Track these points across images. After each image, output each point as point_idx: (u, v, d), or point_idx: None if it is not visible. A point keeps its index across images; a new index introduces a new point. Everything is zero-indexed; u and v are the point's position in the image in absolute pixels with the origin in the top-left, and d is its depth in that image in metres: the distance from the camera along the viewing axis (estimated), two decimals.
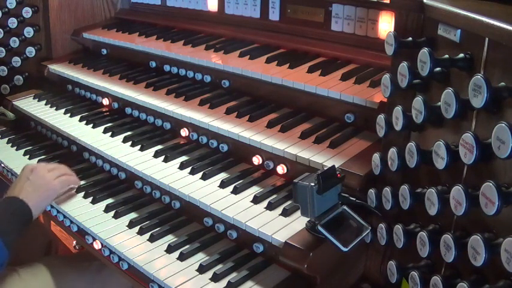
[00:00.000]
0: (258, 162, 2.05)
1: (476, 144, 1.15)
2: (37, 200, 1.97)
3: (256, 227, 1.73)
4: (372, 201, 1.62)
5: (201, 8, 2.87)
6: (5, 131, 2.90)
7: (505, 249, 1.07)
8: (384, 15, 2.13)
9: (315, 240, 1.62)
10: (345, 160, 1.79)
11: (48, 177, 2.07)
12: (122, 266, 1.91)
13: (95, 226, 2.03)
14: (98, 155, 2.41)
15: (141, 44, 2.76)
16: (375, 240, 1.64)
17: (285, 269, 1.77)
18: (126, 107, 2.57)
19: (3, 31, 3.02)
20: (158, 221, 2.04)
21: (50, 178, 2.07)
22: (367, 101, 1.88)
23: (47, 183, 2.05)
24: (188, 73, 2.55)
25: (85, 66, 2.91)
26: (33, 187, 1.99)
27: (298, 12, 2.46)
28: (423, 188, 1.40)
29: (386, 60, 1.67)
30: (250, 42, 2.57)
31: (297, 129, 2.03)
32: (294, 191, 1.61)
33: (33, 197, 1.96)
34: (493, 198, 1.10)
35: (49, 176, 2.08)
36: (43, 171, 2.07)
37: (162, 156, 2.19)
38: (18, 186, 1.99)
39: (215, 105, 2.28)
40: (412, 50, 1.43)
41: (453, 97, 1.23)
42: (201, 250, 1.88)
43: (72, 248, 2.71)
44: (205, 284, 1.73)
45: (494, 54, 1.20)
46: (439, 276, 1.30)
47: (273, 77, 2.15)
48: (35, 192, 1.98)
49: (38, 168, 2.08)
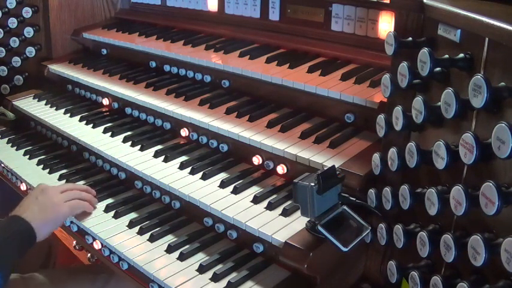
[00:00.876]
0: (258, 162, 2.05)
1: (476, 144, 1.15)
2: (42, 222, 1.86)
3: (256, 227, 1.73)
4: (372, 201, 1.62)
5: (201, 8, 2.87)
6: (5, 131, 2.90)
7: (505, 249, 1.07)
8: (383, 15, 2.13)
9: (315, 240, 1.62)
10: (345, 160, 1.79)
11: (57, 200, 1.96)
12: (121, 266, 1.91)
13: (95, 226, 2.03)
14: (98, 155, 2.41)
15: (141, 44, 2.76)
16: (375, 240, 1.64)
17: (285, 269, 1.77)
18: (126, 107, 2.57)
19: (3, 31, 3.02)
20: (158, 221, 2.04)
21: (59, 201, 1.96)
22: (367, 101, 1.88)
23: (55, 206, 1.94)
24: (188, 73, 2.55)
25: (85, 66, 2.91)
26: (40, 207, 1.89)
27: (298, 12, 2.46)
28: (423, 188, 1.40)
29: (386, 60, 1.67)
30: (250, 42, 2.57)
31: (297, 129, 2.03)
32: (294, 191, 1.61)
33: (38, 218, 1.85)
34: (493, 198, 1.10)
35: (59, 199, 1.97)
36: (53, 193, 1.97)
37: (162, 156, 2.19)
38: (25, 205, 1.90)
39: (215, 105, 2.28)
40: (412, 50, 1.43)
41: (453, 97, 1.23)
42: (201, 250, 1.88)
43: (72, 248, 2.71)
44: (205, 284, 1.73)
45: (494, 54, 1.20)
46: (439, 276, 1.30)
47: (273, 77, 2.15)
48: (41, 213, 1.88)
49: (49, 189, 1.98)
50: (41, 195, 1.95)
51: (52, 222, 1.94)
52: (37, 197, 1.94)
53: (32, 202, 1.92)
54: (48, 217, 1.90)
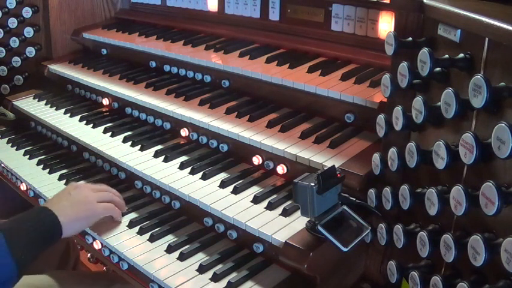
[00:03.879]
0: (258, 162, 2.05)
1: (476, 144, 1.15)
2: (72, 218, 1.78)
3: (256, 227, 1.73)
4: (372, 201, 1.62)
5: (201, 8, 2.87)
6: (5, 131, 2.90)
7: (505, 249, 1.07)
8: (384, 15, 2.13)
9: (315, 240, 1.62)
10: (345, 160, 1.79)
11: (91, 198, 1.89)
12: (121, 266, 1.91)
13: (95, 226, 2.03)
14: (97, 155, 2.41)
15: (141, 44, 2.76)
16: (374, 240, 1.64)
17: (285, 269, 1.77)
18: (126, 107, 2.57)
19: (3, 31, 3.02)
20: (158, 221, 2.03)
21: (93, 199, 1.89)
22: (367, 101, 1.88)
23: (89, 203, 1.87)
24: (188, 73, 2.55)
25: (85, 66, 2.91)
26: (71, 202, 1.82)
27: (298, 12, 2.46)
28: (423, 188, 1.40)
29: (386, 60, 1.67)
30: (250, 42, 2.57)
31: (297, 129, 2.03)
32: (294, 191, 1.61)
33: (68, 213, 1.77)
34: (493, 198, 1.10)
35: (93, 197, 1.90)
36: (87, 190, 1.91)
37: (162, 156, 2.19)
38: (56, 199, 1.85)
39: (215, 105, 2.28)
40: (412, 50, 1.44)
41: (453, 97, 1.23)
42: (201, 250, 1.88)
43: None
44: (205, 284, 1.73)
45: (494, 54, 1.20)
46: (439, 276, 1.30)
47: (273, 77, 2.15)
48: (72, 208, 1.80)
49: (84, 186, 1.94)
50: (74, 191, 1.88)
51: (83, 220, 1.86)
52: (70, 192, 1.88)
53: (64, 197, 1.85)
54: (80, 214, 1.83)
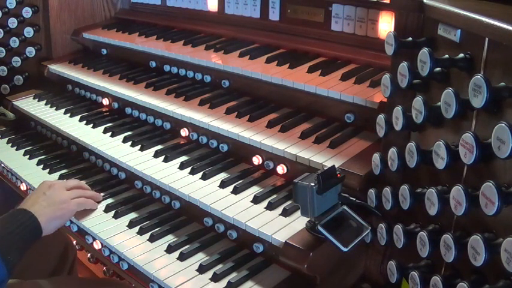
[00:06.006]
0: (258, 162, 2.05)
1: (476, 144, 1.15)
2: (50, 217, 1.86)
3: (256, 227, 1.73)
4: (372, 201, 1.62)
5: (201, 8, 2.87)
6: (5, 131, 2.90)
7: (505, 249, 1.07)
8: (384, 15, 2.13)
9: (315, 240, 1.62)
10: (345, 160, 1.79)
11: (65, 196, 1.97)
12: (122, 266, 1.91)
13: (95, 226, 2.03)
14: (98, 155, 2.41)
15: (141, 44, 2.76)
16: (374, 240, 1.64)
17: (285, 269, 1.77)
18: (126, 107, 2.57)
19: (3, 31, 3.02)
20: (158, 221, 2.04)
21: (67, 197, 1.98)
22: (367, 101, 1.88)
23: (64, 202, 1.95)
24: (188, 73, 2.55)
25: (85, 66, 2.91)
26: (48, 203, 1.89)
27: (298, 12, 2.46)
28: (423, 188, 1.40)
29: (386, 60, 1.67)
30: (250, 42, 2.57)
31: (297, 129, 2.03)
32: (294, 191, 1.61)
33: (46, 213, 1.85)
34: (493, 198, 1.10)
35: (67, 195, 1.99)
36: (61, 189, 1.99)
37: (162, 156, 2.19)
38: (32, 200, 1.90)
39: (215, 105, 2.28)
40: (412, 50, 1.44)
41: (453, 97, 1.23)
42: (201, 250, 1.88)
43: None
44: (205, 284, 1.73)
45: (494, 54, 1.20)
46: (439, 276, 1.30)
47: (273, 77, 2.15)
48: (49, 207, 1.88)
49: (57, 185, 2.00)
50: (49, 190, 1.95)
51: (60, 219, 1.93)
52: (45, 192, 1.94)
53: (40, 197, 1.91)
54: (57, 213, 1.90)
